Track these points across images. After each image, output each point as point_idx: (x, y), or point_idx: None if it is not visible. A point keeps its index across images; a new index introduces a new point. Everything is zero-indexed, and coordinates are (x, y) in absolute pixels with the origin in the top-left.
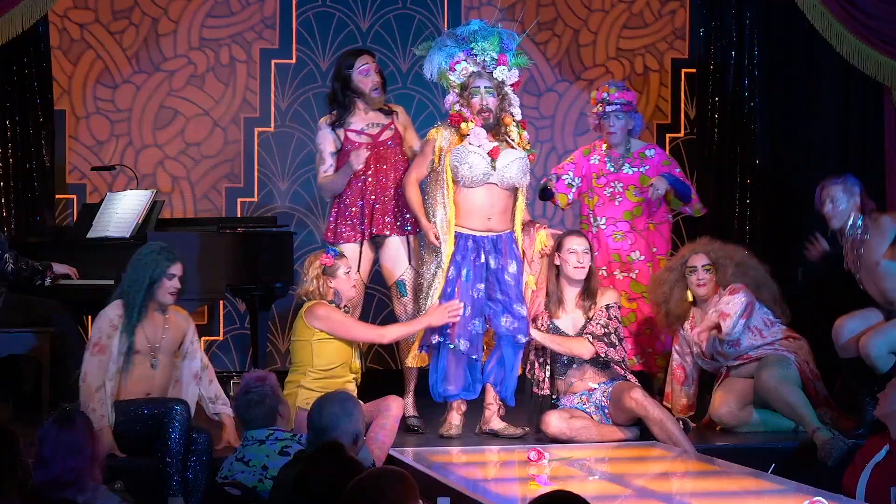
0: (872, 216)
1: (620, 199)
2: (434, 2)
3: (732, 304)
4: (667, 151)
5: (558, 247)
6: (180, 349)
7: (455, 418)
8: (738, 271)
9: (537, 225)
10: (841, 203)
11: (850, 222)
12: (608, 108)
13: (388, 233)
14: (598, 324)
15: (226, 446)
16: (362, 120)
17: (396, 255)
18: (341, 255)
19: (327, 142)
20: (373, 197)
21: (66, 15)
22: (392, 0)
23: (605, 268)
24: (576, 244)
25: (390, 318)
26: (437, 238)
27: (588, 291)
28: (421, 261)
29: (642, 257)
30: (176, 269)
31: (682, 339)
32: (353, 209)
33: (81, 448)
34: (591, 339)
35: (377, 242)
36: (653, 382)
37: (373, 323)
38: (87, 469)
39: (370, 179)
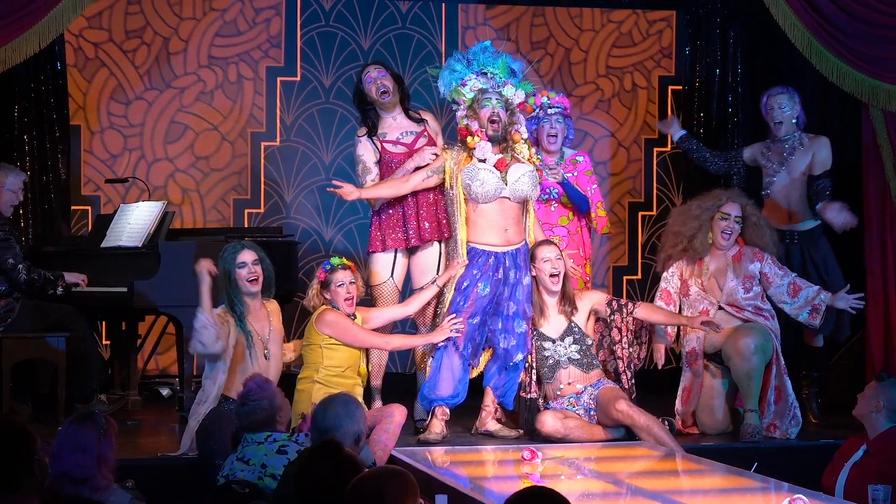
0: (810, 134)
1: (556, 205)
2: (432, 22)
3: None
4: (654, 165)
5: (532, 258)
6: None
7: (436, 426)
8: (769, 234)
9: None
10: (787, 109)
11: (792, 131)
12: (550, 111)
13: (428, 238)
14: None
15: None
16: (395, 129)
17: (426, 264)
18: (338, 269)
19: (368, 152)
20: (413, 205)
21: (81, 34)
22: (392, 20)
23: None
24: (548, 252)
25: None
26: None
27: (565, 296)
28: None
29: (573, 264)
30: (244, 256)
31: (682, 269)
32: (395, 218)
33: (87, 447)
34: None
35: (412, 249)
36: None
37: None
38: (96, 468)
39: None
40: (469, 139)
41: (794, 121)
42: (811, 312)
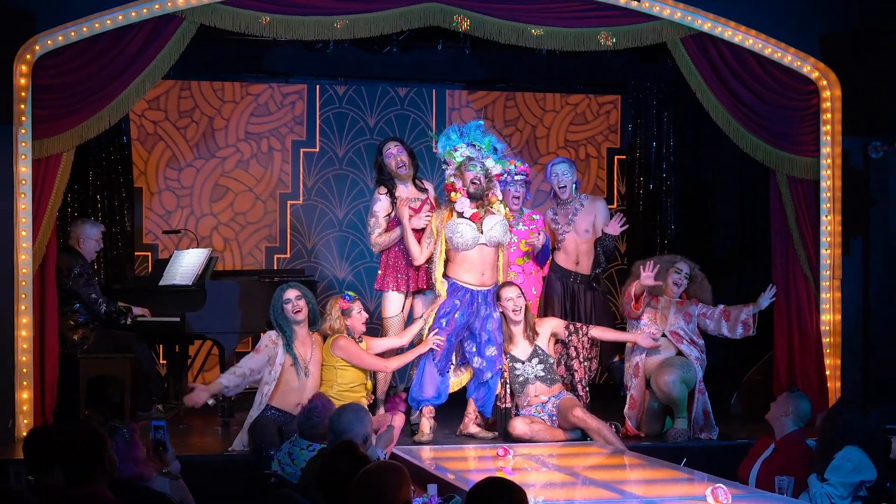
0: (589, 195)
1: (514, 247)
2: (425, 105)
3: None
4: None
5: (497, 297)
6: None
7: (426, 426)
8: (708, 293)
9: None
10: (567, 175)
11: (575, 193)
12: (517, 178)
13: (423, 287)
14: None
15: None
16: (409, 194)
17: (426, 302)
18: (356, 300)
19: (383, 209)
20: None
21: (143, 114)
22: (392, 103)
23: None
24: (510, 293)
25: None
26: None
27: (527, 325)
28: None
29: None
30: (290, 294)
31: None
32: (399, 265)
33: (125, 455)
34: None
35: (419, 290)
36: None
37: None
38: (137, 467)
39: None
40: (452, 194)
41: (574, 185)
42: (744, 328)
